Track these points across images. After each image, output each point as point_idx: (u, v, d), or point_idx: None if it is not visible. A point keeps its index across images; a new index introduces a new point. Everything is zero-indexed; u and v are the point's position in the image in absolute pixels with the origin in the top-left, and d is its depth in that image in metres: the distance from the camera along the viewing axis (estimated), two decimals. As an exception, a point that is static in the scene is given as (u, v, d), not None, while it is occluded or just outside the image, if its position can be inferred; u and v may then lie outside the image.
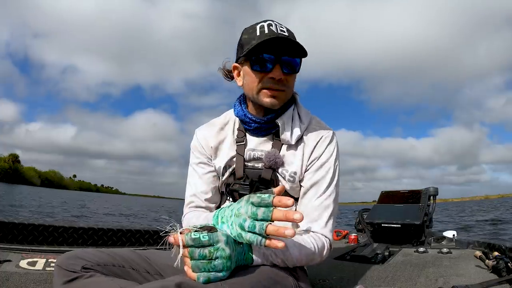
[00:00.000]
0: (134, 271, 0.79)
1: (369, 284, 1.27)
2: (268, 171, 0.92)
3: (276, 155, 0.91)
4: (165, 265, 0.85)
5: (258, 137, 0.97)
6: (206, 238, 0.61)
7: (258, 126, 0.94)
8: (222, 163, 0.97)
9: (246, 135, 0.98)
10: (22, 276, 1.19)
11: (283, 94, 0.90)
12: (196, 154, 1.02)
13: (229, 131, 1.01)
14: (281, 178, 0.93)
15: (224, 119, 1.04)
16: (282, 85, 0.88)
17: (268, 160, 0.91)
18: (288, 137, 0.93)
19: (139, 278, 0.79)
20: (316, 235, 0.87)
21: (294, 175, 0.92)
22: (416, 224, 2.08)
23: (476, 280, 1.23)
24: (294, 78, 0.92)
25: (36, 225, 1.53)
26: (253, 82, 0.89)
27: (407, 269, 1.48)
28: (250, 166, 0.95)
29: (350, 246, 2.19)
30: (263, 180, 0.92)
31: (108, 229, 1.69)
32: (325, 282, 1.30)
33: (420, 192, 2.31)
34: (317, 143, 0.94)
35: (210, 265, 0.61)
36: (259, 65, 0.87)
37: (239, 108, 0.97)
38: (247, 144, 0.97)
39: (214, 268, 0.61)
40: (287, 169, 0.93)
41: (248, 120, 0.94)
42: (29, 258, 1.34)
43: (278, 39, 0.83)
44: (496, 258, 1.39)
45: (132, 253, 0.83)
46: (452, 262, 1.60)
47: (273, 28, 0.85)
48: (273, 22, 0.87)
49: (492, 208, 21.83)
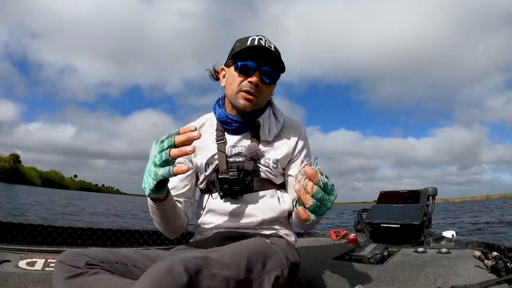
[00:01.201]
0: (138, 269, 0.78)
1: (368, 284, 1.26)
2: (250, 163, 1.03)
3: (257, 147, 1.03)
4: None
5: (236, 135, 1.08)
6: (331, 187, 0.71)
7: (239, 126, 1.06)
8: (203, 160, 1.06)
9: (224, 135, 1.08)
10: (21, 276, 1.20)
11: (256, 99, 1.02)
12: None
13: (206, 132, 1.11)
14: (264, 167, 1.04)
15: (199, 121, 1.15)
16: (257, 91, 1.01)
17: (250, 152, 1.02)
18: (266, 134, 1.06)
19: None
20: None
21: (277, 162, 1.05)
22: (415, 224, 2.08)
23: (475, 280, 1.23)
24: (270, 89, 1.07)
25: (35, 225, 1.53)
26: (234, 83, 1.02)
27: (406, 269, 1.48)
28: (232, 161, 1.04)
29: (349, 246, 2.19)
30: (246, 171, 1.01)
31: (108, 229, 1.69)
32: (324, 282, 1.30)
33: (419, 192, 2.31)
34: (298, 138, 1.10)
35: (322, 208, 0.70)
36: (242, 69, 1.00)
37: (219, 111, 1.08)
38: (227, 142, 1.07)
39: (320, 212, 0.71)
40: (269, 157, 1.05)
41: (230, 120, 1.06)
42: (28, 258, 1.34)
43: (263, 49, 0.97)
44: (495, 258, 1.39)
45: (135, 252, 0.84)
46: (451, 262, 1.60)
47: (262, 41, 0.99)
48: (264, 38, 1.01)
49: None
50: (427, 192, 2.26)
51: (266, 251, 0.84)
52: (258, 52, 0.98)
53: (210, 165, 1.06)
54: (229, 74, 1.05)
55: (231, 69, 1.04)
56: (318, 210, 0.70)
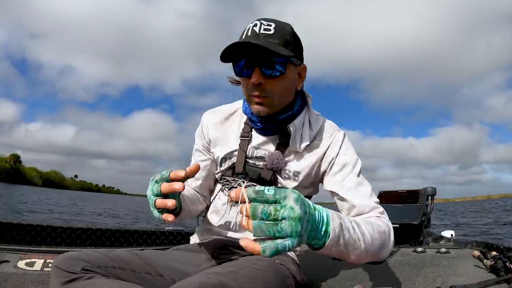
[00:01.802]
0: (134, 272, 0.78)
1: (367, 284, 1.26)
2: (269, 172, 0.90)
3: (280, 158, 0.89)
4: (166, 266, 0.85)
5: (264, 136, 0.94)
6: (272, 191, 0.49)
7: (264, 127, 0.91)
8: (221, 154, 0.96)
9: (252, 131, 0.95)
10: (20, 276, 1.20)
11: (267, 100, 0.84)
12: (196, 140, 1.05)
13: (234, 123, 0.99)
14: (283, 179, 0.91)
15: (232, 107, 1.02)
16: (263, 90, 0.82)
17: (271, 162, 0.89)
18: (297, 144, 0.90)
19: (139, 280, 0.78)
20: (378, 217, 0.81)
21: (298, 175, 0.91)
22: (414, 224, 2.08)
23: (474, 280, 1.23)
24: (281, 82, 0.84)
25: (34, 226, 1.54)
26: (243, 88, 0.87)
27: (405, 269, 1.48)
28: (251, 164, 0.93)
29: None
30: (262, 180, 0.90)
31: (107, 230, 1.69)
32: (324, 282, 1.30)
33: (418, 192, 2.31)
34: (330, 144, 0.92)
35: (276, 227, 0.47)
36: (239, 72, 0.84)
37: (246, 106, 0.93)
38: (251, 141, 0.94)
39: (280, 232, 0.47)
40: (290, 169, 0.91)
41: (255, 119, 0.91)
42: (27, 258, 1.34)
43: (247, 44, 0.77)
44: (494, 257, 1.39)
45: (132, 254, 0.83)
46: (450, 262, 1.60)
47: (256, 28, 0.80)
48: (259, 22, 0.81)
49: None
50: (426, 192, 2.26)
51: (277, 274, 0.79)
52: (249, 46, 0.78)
53: (227, 160, 0.96)
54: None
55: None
56: (270, 231, 0.47)
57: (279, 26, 0.81)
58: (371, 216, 0.81)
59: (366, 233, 0.67)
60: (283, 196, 0.49)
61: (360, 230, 0.66)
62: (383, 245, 0.73)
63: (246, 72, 0.83)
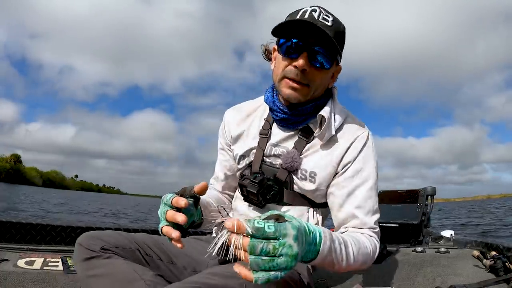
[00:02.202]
0: (148, 257, 0.82)
1: (367, 283, 1.27)
2: (284, 172, 0.86)
3: (295, 157, 0.84)
4: (179, 253, 0.86)
5: (284, 131, 0.90)
6: (272, 229, 0.48)
7: (285, 118, 0.86)
8: (240, 151, 0.93)
9: (271, 127, 0.91)
10: (19, 275, 1.20)
11: (305, 89, 0.80)
12: (220, 139, 1.03)
13: (255, 119, 0.95)
14: (299, 180, 0.86)
15: (254, 104, 0.99)
16: (305, 78, 0.78)
17: (286, 161, 0.85)
18: (321, 136, 0.84)
19: (151, 264, 0.82)
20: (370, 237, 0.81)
21: (315, 176, 0.84)
22: (414, 224, 2.08)
23: (474, 280, 1.23)
24: (323, 75, 0.81)
25: (34, 224, 1.54)
26: (278, 68, 0.82)
27: (405, 269, 1.48)
28: (268, 163, 0.89)
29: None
30: (277, 180, 0.86)
31: (106, 228, 1.70)
32: (323, 281, 1.31)
33: (418, 192, 2.31)
34: (350, 145, 0.85)
35: (272, 263, 0.48)
36: (285, 50, 0.79)
37: (269, 94, 0.89)
38: (271, 138, 0.90)
39: (276, 267, 0.48)
40: (307, 168, 0.85)
41: (276, 108, 0.87)
42: (27, 257, 1.35)
43: (309, 24, 0.73)
44: (494, 257, 1.39)
45: (149, 238, 0.86)
46: (450, 261, 1.60)
47: (315, 14, 0.76)
48: (319, 9, 0.77)
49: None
50: (426, 191, 2.26)
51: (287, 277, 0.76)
52: (307, 27, 0.74)
53: (245, 158, 0.93)
54: (277, 56, 0.85)
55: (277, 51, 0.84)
56: (266, 266, 0.47)
57: (336, 21, 0.79)
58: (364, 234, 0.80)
59: (351, 255, 0.70)
60: (283, 234, 0.49)
61: (346, 251, 0.68)
62: (363, 263, 0.76)
63: (294, 53, 0.78)
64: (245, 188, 0.86)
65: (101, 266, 0.73)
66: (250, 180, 0.86)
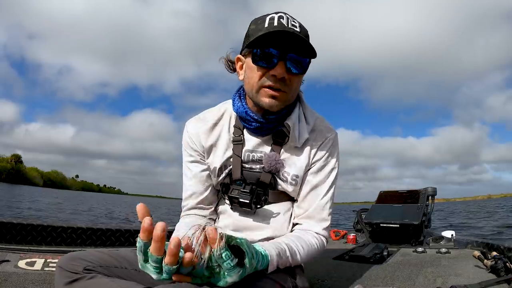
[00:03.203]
0: (136, 271, 0.78)
1: (367, 284, 1.26)
2: (267, 175, 0.88)
3: (277, 159, 0.87)
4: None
5: (257, 137, 0.91)
6: (230, 265, 0.58)
7: (259, 126, 0.88)
8: (217, 164, 0.92)
9: (243, 133, 0.92)
10: (20, 276, 1.20)
11: (284, 95, 0.82)
12: (189, 151, 0.96)
13: (224, 128, 0.94)
14: (281, 181, 0.90)
15: (218, 112, 0.96)
16: (284, 85, 0.81)
17: (269, 165, 0.87)
18: (296, 139, 0.88)
19: (141, 279, 0.77)
20: (318, 235, 0.90)
21: (297, 178, 0.89)
22: (414, 224, 2.08)
23: (475, 280, 1.23)
24: (299, 80, 0.85)
25: (34, 225, 1.54)
26: (254, 78, 0.82)
27: (405, 269, 1.48)
28: (248, 168, 0.90)
29: (348, 246, 2.19)
30: (261, 183, 0.89)
31: (107, 229, 1.70)
32: (324, 282, 1.30)
33: (418, 192, 2.32)
34: (320, 145, 0.91)
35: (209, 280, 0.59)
36: (262, 60, 0.79)
37: (239, 104, 0.89)
38: (245, 144, 0.91)
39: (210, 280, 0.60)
40: (289, 171, 0.89)
41: (250, 118, 0.87)
42: (28, 258, 1.35)
43: (286, 33, 0.75)
44: (495, 258, 1.39)
45: (134, 253, 0.81)
46: (451, 262, 1.60)
47: (283, 21, 0.78)
48: (285, 15, 0.79)
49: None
50: (427, 192, 2.26)
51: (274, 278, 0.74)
52: (279, 35, 0.76)
53: (224, 169, 0.92)
54: (247, 66, 0.84)
55: (248, 60, 0.83)
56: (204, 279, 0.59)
57: (301, 26, 0.81)
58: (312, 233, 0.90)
59: (298, 260, 0.81)
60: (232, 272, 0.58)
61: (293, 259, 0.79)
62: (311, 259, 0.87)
63: (271, 62, 0.79)
64: (236, 199, 0.87)
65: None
66: (239, 190, 0.87)
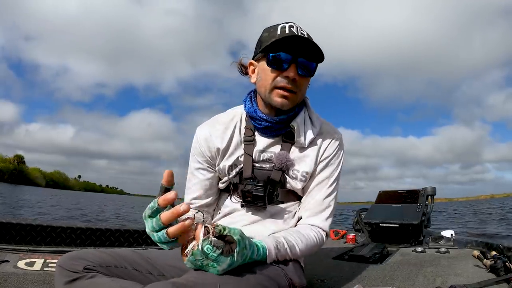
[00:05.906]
0: (136, 271, 0.79)
1: (367, 283, 1.26)
2: (278, 173, 0.93)
3: (287, 157, 0.93)
4: (167, 266, 0.85)
5: (267, 138, 0.97)
6: (214, 256, 0.63)
7: (268, 126, 0.94)
8: (228, 162, 0.97)
9: (254, 134, 0.97)
10: (20, 276, 1.20)
11: (294, 96, 0.90)
12: (197, 158, 1.00)
13: (236, 130, 0.99)
14: (290, 179, 0.95)
15: (229, 116, 1.02)
16: (295, 86, 0.89)
17: (280, 162, 0.92)
18: (302, 140, 0.95)
19: (142, 279, 0.78)
20: (317, 229, 0.94)
21: (306, 175, 0.96)
22: (414, 224, 2.08)
23: (474, 280, 1.23)
24: (307, 82, 0.93)
25: (34, 226, 1.54)
26: (267, 80, 0.90)
27: (405, 269, 1.47)
28: (258, 167, 0.96)
29: (348, 246, 2.19)
30: (272, 181, 0.93)
31: (107, 229, 1.70)
32: (324, 281, 1.30)
33: (418, 192, 2.31)
34: (328, 145, 0.98)
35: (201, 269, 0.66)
36: (275, 63, 0.88)
37: (249, 105, 0.97)
38: (256, 144, 0.97)
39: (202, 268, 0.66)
40: (298, 169, 0.95)
41: (259, 118, 0.95)
42: (27, 258, 1.35)
43: (298, 38, 0.85)
44: (494, 257, 1.39)
45: (134, 253, 0.83)
46: (450, 261, 1.60)
47: (294, 29, 0.87)
48: (294, 24, 0.89)
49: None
50: (426, 191, 2.26)
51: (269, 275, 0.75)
52: (291, 41, 0.85)
53: (234, 168, 0.97)
54: (260, 69, 0.92)
55: (261, 64, 0.91)
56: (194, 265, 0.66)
57: (308, 34, 0.90)
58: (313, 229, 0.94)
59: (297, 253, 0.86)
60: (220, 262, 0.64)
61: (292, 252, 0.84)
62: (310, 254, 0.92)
63: (283, 65, 0.88)
64: (250, 193, 0.90)
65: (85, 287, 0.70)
66: (253, 185, 0.90)
